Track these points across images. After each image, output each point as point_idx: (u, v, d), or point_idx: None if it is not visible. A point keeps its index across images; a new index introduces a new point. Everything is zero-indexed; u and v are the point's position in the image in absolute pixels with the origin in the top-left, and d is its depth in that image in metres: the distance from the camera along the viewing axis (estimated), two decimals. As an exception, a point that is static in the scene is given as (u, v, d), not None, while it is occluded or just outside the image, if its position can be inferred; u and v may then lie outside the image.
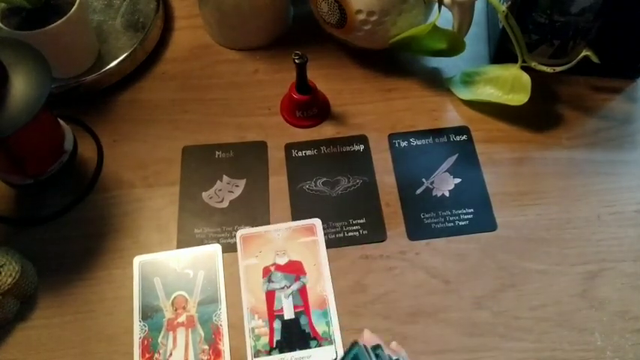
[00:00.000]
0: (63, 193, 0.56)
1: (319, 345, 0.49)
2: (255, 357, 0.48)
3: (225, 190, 0.57)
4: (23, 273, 0.49)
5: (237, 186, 0.57)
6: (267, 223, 0.55)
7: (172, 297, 0.51)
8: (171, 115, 0.61)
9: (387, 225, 0.54)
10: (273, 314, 0.50)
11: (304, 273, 0.52)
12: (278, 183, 0.57)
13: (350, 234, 0.54)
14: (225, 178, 0.57)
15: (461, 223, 0.54)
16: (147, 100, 0.62)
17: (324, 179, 0.57)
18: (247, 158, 0.58)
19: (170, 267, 0.52)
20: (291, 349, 0.49)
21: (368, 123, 0.61)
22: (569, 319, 0.50)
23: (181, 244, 0.54)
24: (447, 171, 0.57)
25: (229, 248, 0.53)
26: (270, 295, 0.51)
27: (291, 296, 0.51)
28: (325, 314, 0.50)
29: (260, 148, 0.59)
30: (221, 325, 0.50)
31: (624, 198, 0.56)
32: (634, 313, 0.50)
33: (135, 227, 0.55)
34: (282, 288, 0.51)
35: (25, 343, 0.49)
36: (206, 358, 0.48)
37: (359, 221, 0.54)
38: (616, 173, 0.57)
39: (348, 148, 0.59)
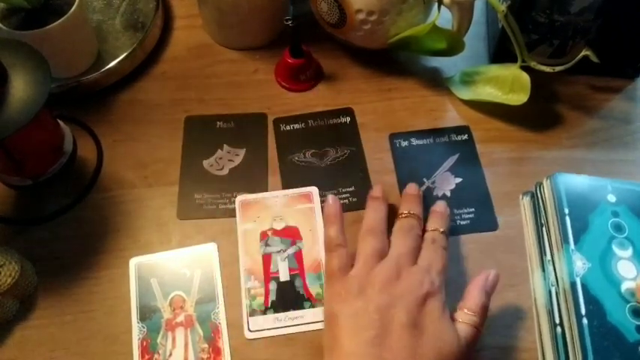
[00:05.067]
0: (63, 193, 0.56)
1: (313, 306, 0.50)
2: (250, 316, 0.50)
3: (226, 159, 0.58)
4: (23, 273, 0.49)
5: (237, 155, 0.58)
6: (266, 190, 0.56)
7: (170, 297, 0.51)
8: (171, 115, 0.61)
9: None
10: (269, 276, 0.51)
11: (300, 238, 0.53)
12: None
13: (340, 202, 0.55)
14: (225, 147, 0.59)
15: (462, 222, 0.55)
16: (147, 100, 0.62)
17: (313, 150, 0.58)
18: (247, 129, 0.60)
19: (166, 267, 0.52)
20: (286, 309, 0.50)
21: (368, 123, 0.61)
22: (569, 319, 0.50)
23: (182, 209, 0.55)
24: (448, 170, 0.58)
25: (227, 213, 0.55)
26: (266, 258, 0.52)
27: (287, 259, 0.52)
28: (319, 277, 0.51)
29: (260, 119, 0.61)
30: (219, 323, 0.50)
31: (624, 197, 0.56)
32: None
33: (135, 227, 0.55)
34: (279, 252, 0.52)
35: (24, 343, 0.49)
36: (206, 356, 0.49)
37: (348, 189, 0.56)
38: (615, 173, 0.57)
39: (334, 121, 0.60)
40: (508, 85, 0.58)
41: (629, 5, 0.56)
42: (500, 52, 0.62)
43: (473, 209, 0.55)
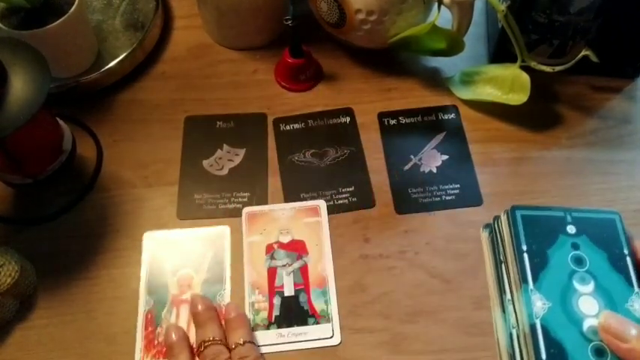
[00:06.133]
0: (62, 192, 0.56)
1: (317, 322, 0.50)
2: (253, 330, 0.49)
3: (225, 159, 0.58)
4: (22, 273, 0.49)
5: (237, 155, 0.59)
6: (265, 190, 0.56)
7: (179, 274, 0.52)
8: (171, 115, 0.61)
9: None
10: (273, 290, 0.51)
11: (306, 252, 0.53)
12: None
13: (340, 202, 0.56)
14: (225, 147, 0.59)
15: (447, 198, 0.56)
16: (146, 100, 0.62)
17: (313, 150, 0.59)
18: (247, 129, 0.60)
19: (179, 244, 0.53)
20: (289, 324, 0.50)
21: (368, 123, 0.61)
22: (569, 319, 0.50)
23: (182, 209, 0.55)
24: (434, 148, 0.59)
25: (227, 213, 0.55)
26: (271, 272, 0.52)
27: (292, 274, 0.52)
28: (324, 293, 0.51)
29: (260, 119, 0.61)
30: (224, 305, 0.50)
31: (623, 197, 0.56)
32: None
33: (135, 227, 0.55)
34: (284, 265, 0.52)
35: (24, 343, 0.49)
36: None
37: (348, 189, 0.56)
38: (615, 173, 0.57)
39: (334, 121, 0.61)
40: (508, 85, 0.58)
41: (629, 5, 0.56)
42: (500, 52, 0.62)
43: (458, 185, 0.56)
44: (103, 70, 0.61)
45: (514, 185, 0.57)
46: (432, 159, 0.58)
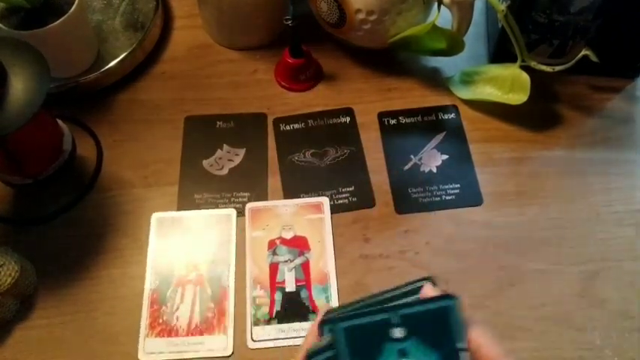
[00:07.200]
0: (62, 192, 0.56)
1: None
2: (254, 325, 0.50)
3: (225, 159, 0.58)
4: (22, 273, 0.49)
5: (237, 155, 0.59)
6: (265, 190, 0.56)
7: (185, 255, 0.52)
8: (171, 115, 0.61)
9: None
10: (275, 286, 0.51)
11: (308, 248, 0.53)
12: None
13: (340, 201, 0.56)
14: (225, 147, 0.59)
15: (447, 197, 0.56)
16: (146, 100, 0.62)
17: (313, 150, 0.59)
18: (247, 129, 0.61)
19: (186, 225, 0.54)
20: (290, 320, 0.50)
21: (368, 123, 0.61)
22: (569, 319, 0.50)
23: (182, 209, 0.56)
24: (434, 148, 0.59)
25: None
26: (273, 267, 0.52)
27: (293, 270, 0.52)
28: (325, 290, 0.51)
29: (260, 119, 0.61)
30: (228, 286, 0.51)
31: (624, 197, 0.56)
32: (633, 312, 0.50)
33: (134, 227, 0.55)
34: (286, 261, 0.52)
35: (24, 343, 0.49)
36: (211, 315, 0.50)
37: (348, 189, 0.56)
38: (615, 172, 0.57)
39: (334, 121, 0.61)
40: (508, 84, 0.58)
41: (629, 5, 0.56)
42: (500, 52, 0.62)
43: (458, 185, 0.57)
44: (103, 70, 0.61)
45: (514, 185, 0.57)
46: (432, 159, 0.58)
